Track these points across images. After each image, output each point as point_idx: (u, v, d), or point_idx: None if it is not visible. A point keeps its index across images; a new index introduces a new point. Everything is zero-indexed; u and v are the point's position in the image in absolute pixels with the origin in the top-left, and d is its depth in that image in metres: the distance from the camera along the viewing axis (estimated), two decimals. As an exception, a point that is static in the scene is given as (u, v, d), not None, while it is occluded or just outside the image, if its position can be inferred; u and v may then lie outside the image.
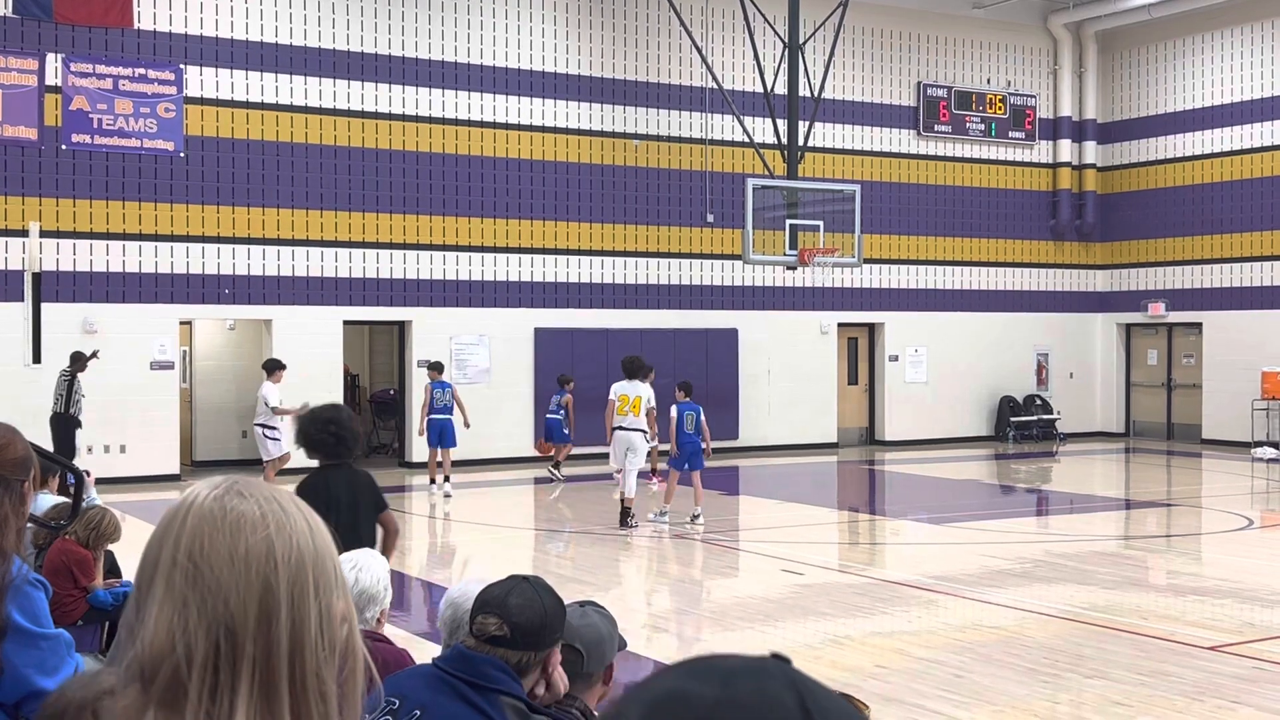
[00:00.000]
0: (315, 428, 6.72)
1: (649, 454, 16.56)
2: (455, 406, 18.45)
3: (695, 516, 15.46)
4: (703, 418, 15.52)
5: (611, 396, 15.58)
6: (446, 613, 3.41)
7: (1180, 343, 27.21)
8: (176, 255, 19.81)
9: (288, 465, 16.35)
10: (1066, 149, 27.85)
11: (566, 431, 20.02)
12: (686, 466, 15.41)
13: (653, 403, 15.52)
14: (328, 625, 1.32)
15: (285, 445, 16.13)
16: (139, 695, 1.28)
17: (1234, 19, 25.63)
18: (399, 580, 12.32)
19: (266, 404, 16.78)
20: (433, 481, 18.49)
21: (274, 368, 17.23)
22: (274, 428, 16.69)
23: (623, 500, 15.39)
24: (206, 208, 19.98)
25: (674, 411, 15.35)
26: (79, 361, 17.54)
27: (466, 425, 18.71)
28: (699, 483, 15.55)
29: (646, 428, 15.37)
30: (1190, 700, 7.92)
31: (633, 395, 15.42)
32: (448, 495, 18.11)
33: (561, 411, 19.98)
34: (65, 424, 17.27)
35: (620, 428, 15.39)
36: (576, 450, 22.13)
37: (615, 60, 23.21)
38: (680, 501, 15.95)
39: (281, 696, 1.29)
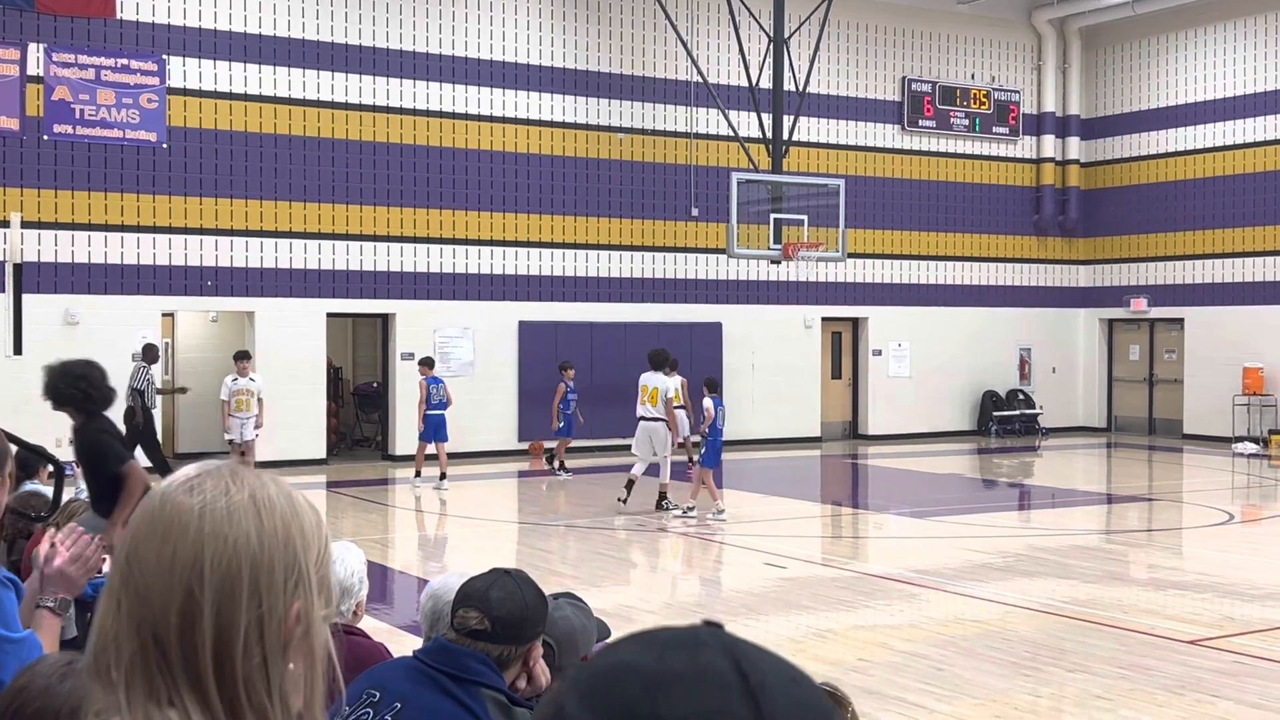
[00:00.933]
0: (65, 382, 6.61)
1: (680, 444, 16.57)
2: (449, 401, 18.53)
3: (689, 509, 15.66)
4: (720, 412, 15.60)
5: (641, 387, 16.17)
6: (427, 605, 3.40)
7: (1162, 338, 27.32)
8: (159, 247, 19.72)
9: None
10: (1050, 144, 27.93)
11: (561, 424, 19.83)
12: (716, 463, 15.51)
13: (672, 394, 15.83)
14: (270, 628, 1.29)
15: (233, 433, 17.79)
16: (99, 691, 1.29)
17: (1217, 15, 25.72)
18: (381, 573, 12.31)
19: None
20: (418, 474, 18.43)
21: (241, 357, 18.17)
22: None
23: (660, 485, 15.90)
24: (189, 199, 19.90)
25: (709, 405, 15.43)
26: (151, 353, 18.05)
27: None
28: (710, 479, 15.60)
29: (666, 416, 15.69)
30: (1171, 694, 7.96)
31: (651, 386, 15.85)
32: (442, 489, 18.02)
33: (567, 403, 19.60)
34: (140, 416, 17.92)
35: (642, 418, 15.93)
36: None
37: (600, 54, 23.18)
38: (679, 495, 16.01)
39: (213, 703, 1.27)
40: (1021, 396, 27.26)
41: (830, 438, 25.68)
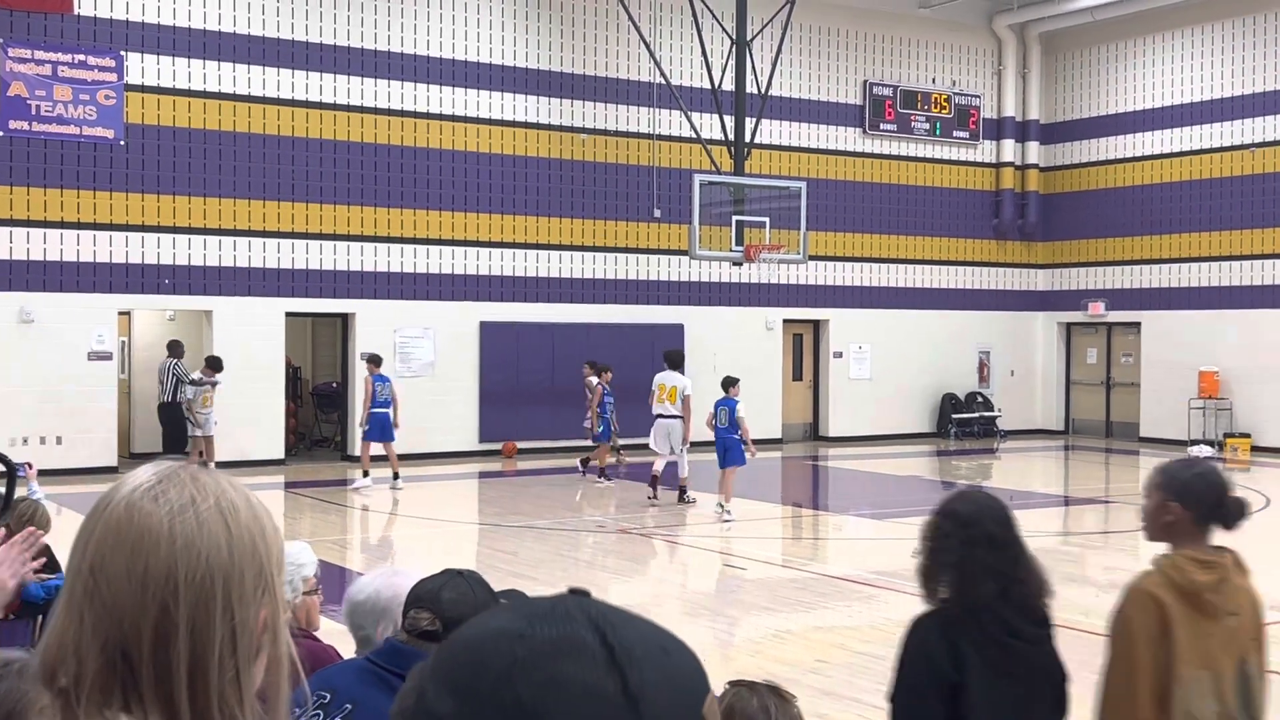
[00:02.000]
0: None
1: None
2: (394, 401, 18.26)
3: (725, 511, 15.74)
4: (739, 413, 15.89)
5: (653, 386, 17.01)
6: (348, 609, 3.38)
7: (1119, 342, 27.57)
8: (116, 244, 19.53)
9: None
10: (1010, 149, 28.12)
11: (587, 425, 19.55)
12: (724, 463, 15.77)
13: (689, 391, 16.75)
14: (242, 639, 1.26)
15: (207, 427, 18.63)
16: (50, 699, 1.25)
17: (1175, 22, 25.98)
18: (339, 574, 12.23)
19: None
20: (366, 474, 18.18)
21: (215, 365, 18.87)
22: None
23: (680, 479, 16.57)
24: (146, 196, 19.72)
25: (713, 406, 15.98)
26: (177, 349, 18.79)
27: (396, 424, 18.37)
28: (731, 481, 15.77)
29: (683, 414, 16.53)
30: (1125, 695, 8.01)
31: (669, 384, 16.75)
32: (398, 489, 17.93)
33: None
34: (173, 412, 18.56)
35: (661, 415, 16.71)
36: (524, 445, 22.12)
37: (563, 54, 23.15)
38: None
39: (183, 716, 1.24)
40: (980, 399, 27.44)
41: (791, 439, 25.74)
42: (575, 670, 0.89)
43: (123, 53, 19.55)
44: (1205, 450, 23.88)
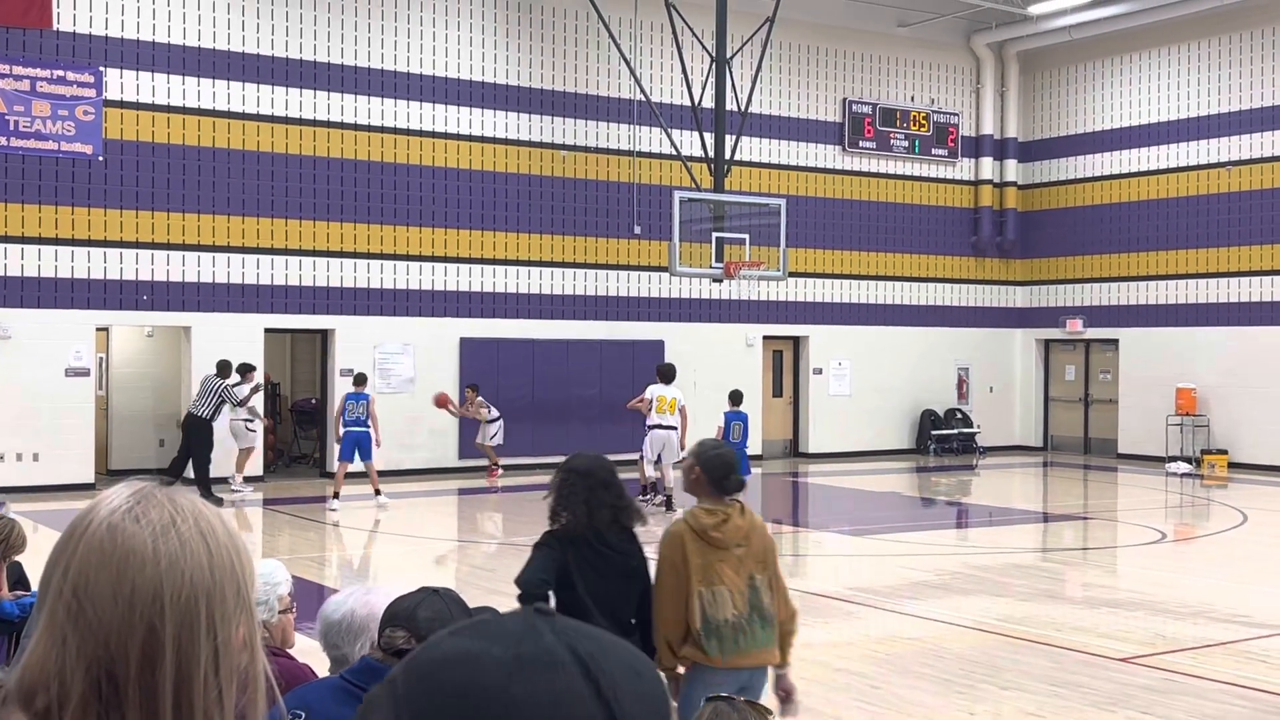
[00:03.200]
0: None
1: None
2: (371, 419, 17.87)
3: None
4: (748, 426, 17.32)
5: (648, 397, 17.72)
6: (321, 627, 3.37)
7: (1097, 359, 27.69)
8: (94, 260, 19.46)
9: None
10: (988, 166, 28.26)
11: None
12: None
13: (684, 403, 17.68)
14: (224, 658, 1.27)
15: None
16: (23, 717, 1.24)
17: (1152, 41, 26.18)
18: (317, 592, 12.18)
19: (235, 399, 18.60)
20: (336, 495, 17.84)
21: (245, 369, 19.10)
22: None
23: (663, 488, 17.43)
24: (125, 212, 19.66)
25: (722, 419, 17.07)
26: (227, 371, 18.74)
27: (378, 443, 18.15)
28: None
29: (680, 425, 17.37)
30: (1102, 711, 8.04)
31: (669, 396, 17.58)
32: (382, 506, 17.83)
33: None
34: (203, 428, 18.53)
35: (659, 426, 17.45)
36: (505, 461, 22.06)
37: (543, 71, 23.19)
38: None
39: None
40: (959, 415, 27.51)
41: (771, 456, 25.76)
42: (567, 709, 0.90)
43: (101, 68, 19.51)
44: (1183, 467, 23.99)
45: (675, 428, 17.42)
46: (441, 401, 20.14)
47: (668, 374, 18.03)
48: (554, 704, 0.89)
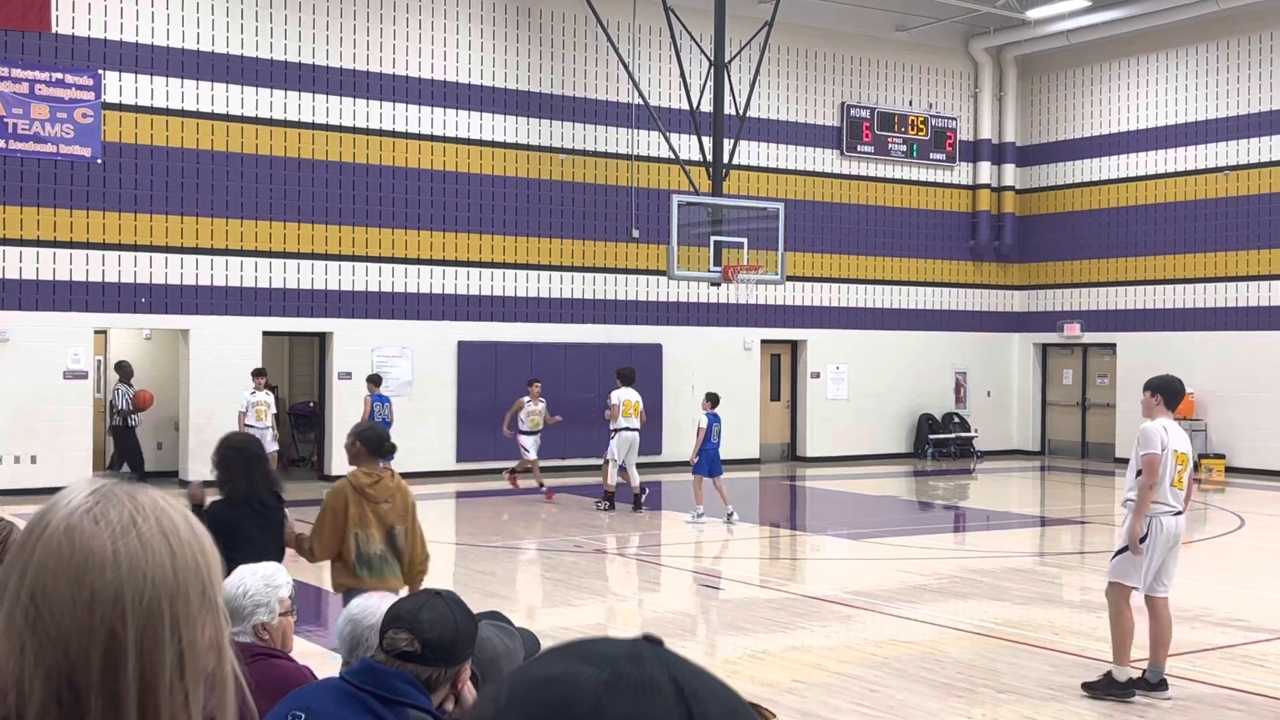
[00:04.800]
0: None
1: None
2: (390, 421, 18.60)
3: (730, 515, 16.90)
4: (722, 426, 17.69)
5: (615, 402, 17.96)
6: (345, 629, 3.36)
7: (1095, 363, 27.71)
8: (92, 263, 19.46)
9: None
10: (986, 171, 28.29)
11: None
12: (709, 472, 17.11)
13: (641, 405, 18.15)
14: (190, 661, 1.23)
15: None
16: None
17: (1149, 46, 26.21)
18: (315, 595, 12.19)
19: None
20: None
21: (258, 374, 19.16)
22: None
23: (633, 489, 17.84)
24: (123, 215, 19.66)
25: (704, 421, 17.23)
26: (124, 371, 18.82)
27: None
28: (724, 487, 17.09)
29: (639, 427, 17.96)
30: (1099, 715, 8.05)
31: (634, 400, 18.00)
32: None
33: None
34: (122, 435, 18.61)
35: (627, 429, 17.81)
36: (502, 465, 22.02)
37: (542, 74, 23.21)
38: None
39: None
40: (957, 420, 27.53)
41: (769, 459, 25.77)
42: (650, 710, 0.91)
43: (100, 71, 19.51)
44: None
45: (638, 430, 17.94)
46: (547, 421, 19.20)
47: (630, 377, 18.33)
48: (641, 693, 0.91)
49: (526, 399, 19.29)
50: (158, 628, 1.20)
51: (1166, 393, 8.87)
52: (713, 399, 17.68)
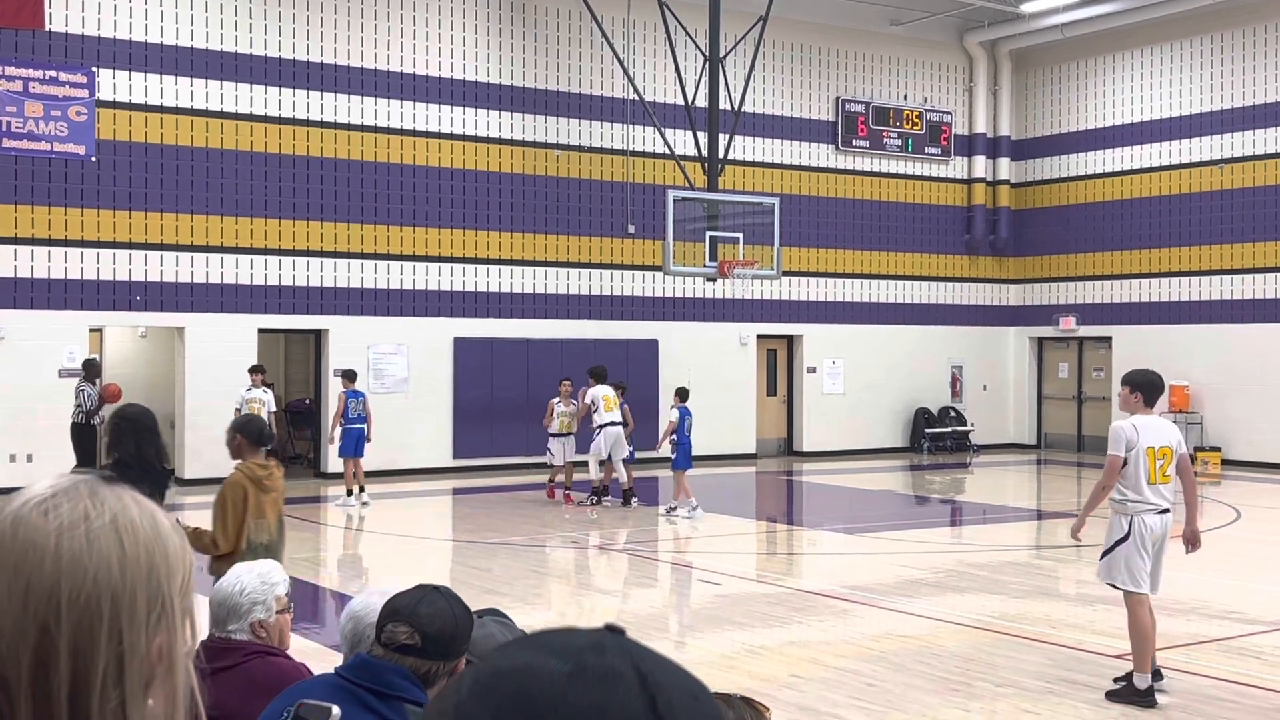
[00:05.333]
0: None
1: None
2: (367, 417, 18.41)
3: (673, 509, 17.14)
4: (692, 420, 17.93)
5: (593, 398, 17.90)
6: (347, 626, 3.36)
7: (1090, 356, 27.74)
8: (87, 261, 19.44)
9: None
10: (981, 165, 28.30)
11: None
12: (685, 465, 17.39)
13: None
14: (130, 667, 1.16)
15: None
16: None
17: (1144, 40, 26.22)
18: (312, 592, 12.19)
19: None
20: (350, 493, 18.24)
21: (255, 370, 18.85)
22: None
23: (622, 483, 17.89)
24: (118, 213, 19.63)
25: (675, 415, 17.43)
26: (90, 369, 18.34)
27: (368, 439, 18.46)
28: (685, 479, 17.32)
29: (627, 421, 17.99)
30: (1097, 708, 8.06)
31: (611, 395, 17.98)
32: (365, 504, 17.95)
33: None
34: (84, 434, 18.20)
35: (612, 423, 17.80)
36: (499, 460, 22.03)
37: (537, 70, 23.19)
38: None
39: None
40: (953, 414, 27.55)
41: (765, 454, 25.78)
42: (611, 701, 0.91)
43: (94, 69, 19.48)
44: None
45: (623, 424, 17.93)
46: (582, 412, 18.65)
47: (603, 374, 18.30)
48: (607, 715, 0.91)
49: (556, 400, 18.67)
50: (93, 627, 1.14)
51: (1145, 388, 8.70)
52: (682, 394, 17.76)
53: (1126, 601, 8.56)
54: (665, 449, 18.18)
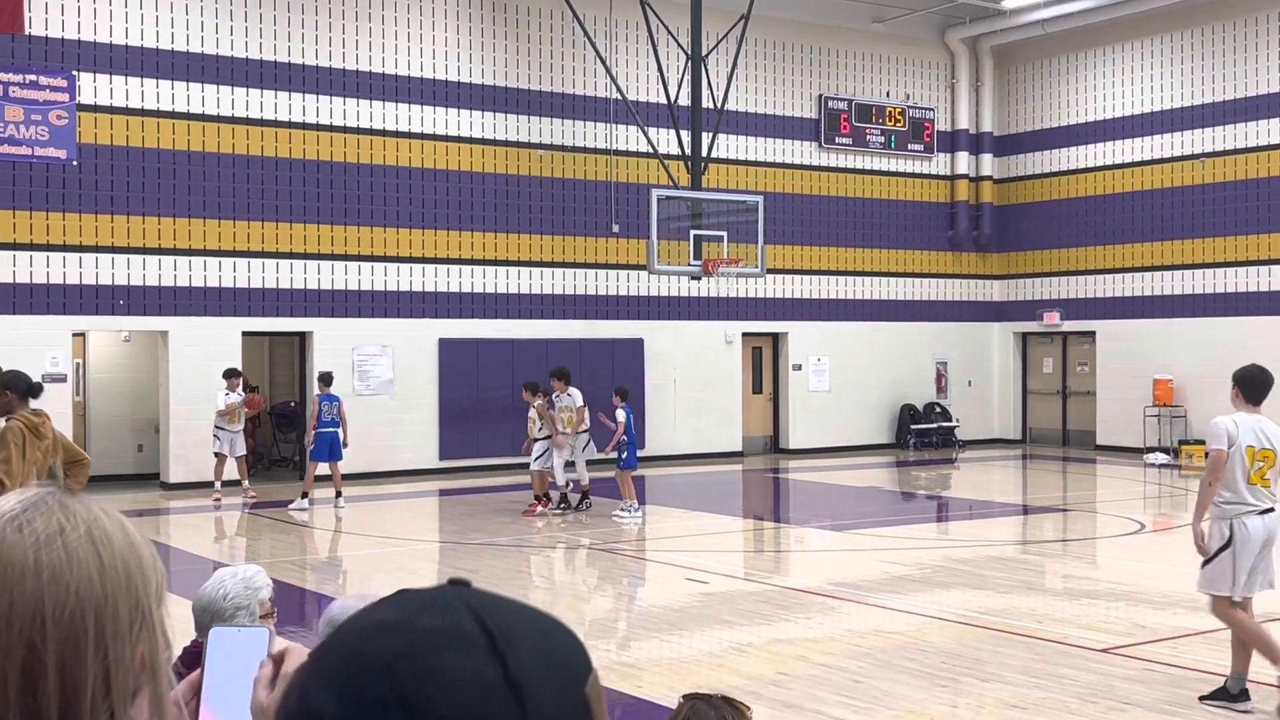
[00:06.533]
0: None
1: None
2: (342, 420, 18.16)
3: (624, 510, 17.00)
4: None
5: (581, 403, 17.40)
6: (325, 631, 3.36)
7: (1075, 351, 27.82)
8: (69, 265, 19.36)
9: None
10: (964, 161, 28.36)
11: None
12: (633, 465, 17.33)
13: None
14: (117, 679, 1.16)
15: (222, 446, 18.70)
16: None
17: (1126, 34, 26.30)
18: (298, 595, 12.17)
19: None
20: (305, 495, 18.05)
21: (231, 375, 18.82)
22: (221, 428, 18.71)
23: (579, 486, 17.57)
24: (100, 217, 19.56)
25: (622, 415, 17.05)
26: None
27: (345, 443, 18.29)
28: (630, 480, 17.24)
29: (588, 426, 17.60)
30: (1083, 702, 8.09)
31: (579, 400, 17.57)
32: (340, 509, 17.85)
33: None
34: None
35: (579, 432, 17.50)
36: (485, 461, 22.01)
37: (519, 70, 23.17)
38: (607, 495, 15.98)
39: None
40: (938, 409, 27.60)
41: (751, 452, 25.81)
42: (456, 659, 0.89)
43: (75, 72, 19.41)
44: (1161, 458, 24.11)
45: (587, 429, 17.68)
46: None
47: (569, 376, 17.92)
48: (444, 641, 0.90)
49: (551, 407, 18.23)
50: (80, 643, 1.14)
51: (1242, 383, 8.38)
52: (623, 393, 17.44)
53: (1216, 609, 8.00)
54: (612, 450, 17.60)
